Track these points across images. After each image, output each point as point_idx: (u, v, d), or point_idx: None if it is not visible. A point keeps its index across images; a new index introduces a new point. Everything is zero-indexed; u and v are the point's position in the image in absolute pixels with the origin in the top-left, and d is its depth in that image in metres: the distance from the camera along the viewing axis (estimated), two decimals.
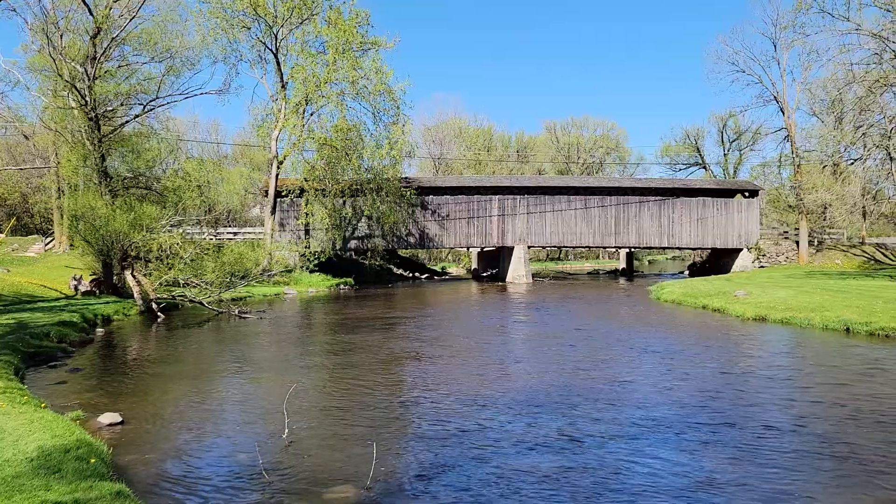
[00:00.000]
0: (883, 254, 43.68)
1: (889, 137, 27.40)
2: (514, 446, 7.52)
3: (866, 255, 43.54)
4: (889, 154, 28.51)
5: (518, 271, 41.91)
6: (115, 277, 24.73)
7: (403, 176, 42.03)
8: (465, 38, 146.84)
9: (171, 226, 24.49)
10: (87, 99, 26.51)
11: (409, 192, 39.32)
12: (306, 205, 37.85)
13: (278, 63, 37.11)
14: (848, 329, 16.48)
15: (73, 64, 27.00)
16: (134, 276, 22.47)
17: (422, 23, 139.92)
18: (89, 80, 26.57)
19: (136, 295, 22.10)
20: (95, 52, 26.75)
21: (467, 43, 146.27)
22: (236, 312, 21.35)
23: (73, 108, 27.58)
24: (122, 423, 8.63)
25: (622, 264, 58.90)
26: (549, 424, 8.40)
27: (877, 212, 45.64)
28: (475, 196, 42.45)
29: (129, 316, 21.09)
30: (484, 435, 7.98)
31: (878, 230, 57.62)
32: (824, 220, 49.11)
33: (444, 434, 8.04)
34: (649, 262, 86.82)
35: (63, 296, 23.53)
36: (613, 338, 16.37)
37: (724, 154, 66.57)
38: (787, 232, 49.30)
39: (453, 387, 10.75)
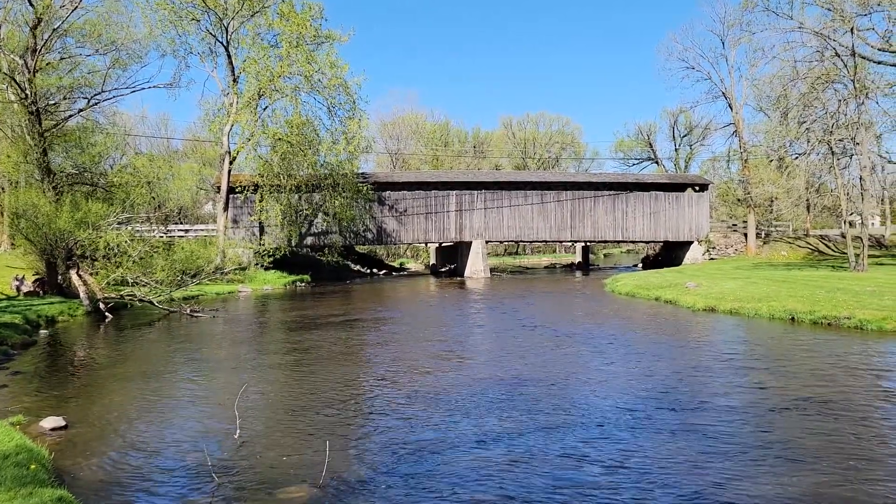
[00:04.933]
0: (826, 245, 45.28)
1: (831, 133, 28.37)
2: (469, 443, 7.52)
3: (810, 247, 45.07)
4: (831, 149, 29.51)
5: (476, 266, 42.05)
6: (59, 277, 23.89)
7: (360, 171, 41.72)
8: (420, 33, 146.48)
9: (119, 223, 23.79)
10: (28, 92, 25.56)
11: (366, 188, 39.04)
12: (261, 201, 37.23)
13: (229, 56, 36.36)
14: (793, 318, 17.01)
15: (12, 56, 25.95)
16: (80, 276, 21.76)
17: (377, 16, 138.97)
18: (30, 72, 25.62)
19: (82, 295, 21.41)
20: (36, 43, 25.80)
21: (423, 38, 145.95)
22: (188, 311, 20.86)
23: (12, 101, 26.53)
24: (65, 427, 8.34)
25: (578, 258, 59.68)
26: (505, 420, 8.44)
27: (820, 204, 47.27)
28: (433, 191, 42.41)
29: (76, 317, 20.42)
30: (438, 432, 7.97)
31: (821, 222, 59.67)
32: (771, 212, 50.63)
33: (398, 431, 8.00)
34: (604, 255, 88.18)
35: (4, 297, 22.63)
36: (569, 331, 16.56)
37: (676, 149, 68.10)
38: (735, 225, 50.67)
39: (408, 384, 10.72)
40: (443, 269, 49.85)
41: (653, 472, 6.51)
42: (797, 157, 33.81)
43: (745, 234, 46.78)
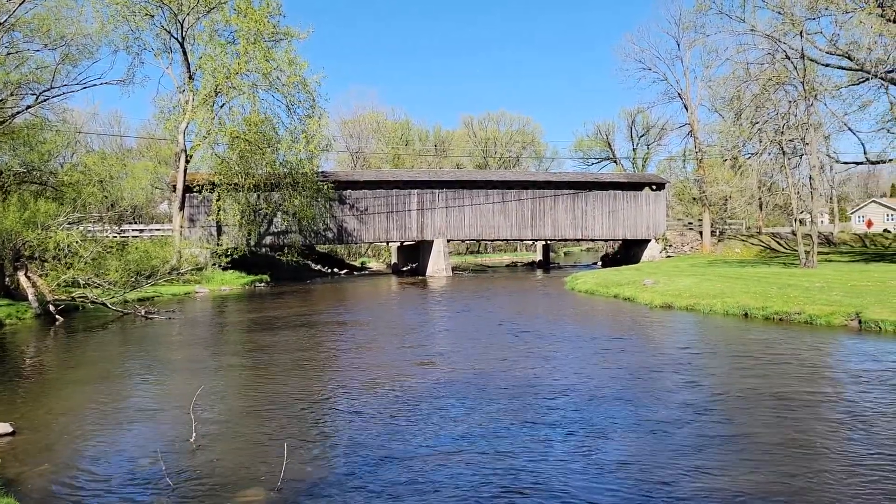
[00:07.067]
0: (778, 242, 46.60)
1: (782, 133, 29.17)
2: (429, 445, 7.51)
3: (763, 244, 46.32)
4: (782, 149, 30.32)
5: (438, 265, 42.06)
6: (7, 279, 23.08)
7: (320, 170, 41.33)
8: (380, 30, 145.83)
9: (70, 223, 23.10)
10: None
11: (326, 187, 38.71)
12: (218, 200, 36.56)
13: (185, 53, 35.61)
14: (746, 314, 17.45)
15: None
16: (28, 277, 21.06)
17: (336, 13, 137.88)
18: None
19: (30, 297, 20.72)
20: None
21: (383, 35, 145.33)
22: (143, 313, 20.37)
23: None
24: (12, 433, 8.06)
25: (539, 256, 60.18)
26: (465, 421, 8.45)
27: (771, 203, 48.61)
28: (394, 190, 42.27)
29: (24, 319, 19.76)
30: (398, 434, 7.93)
31: (773, 220, 61.34)
32: (725, 211, 51.88)
33: (358, 434, 7.94)
34: (565, 253, 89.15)
35: None
36: (530, 329, 16.68)
37: (633, 148, 69.28)
38: (691, 223, 51.79)
39: (368, 386, 10.65)
40: (404, 269, 49.73)
41: (612, 468, 6.60)
42: (750, 157, 34.69)
43: (701, 232, 47.84)
